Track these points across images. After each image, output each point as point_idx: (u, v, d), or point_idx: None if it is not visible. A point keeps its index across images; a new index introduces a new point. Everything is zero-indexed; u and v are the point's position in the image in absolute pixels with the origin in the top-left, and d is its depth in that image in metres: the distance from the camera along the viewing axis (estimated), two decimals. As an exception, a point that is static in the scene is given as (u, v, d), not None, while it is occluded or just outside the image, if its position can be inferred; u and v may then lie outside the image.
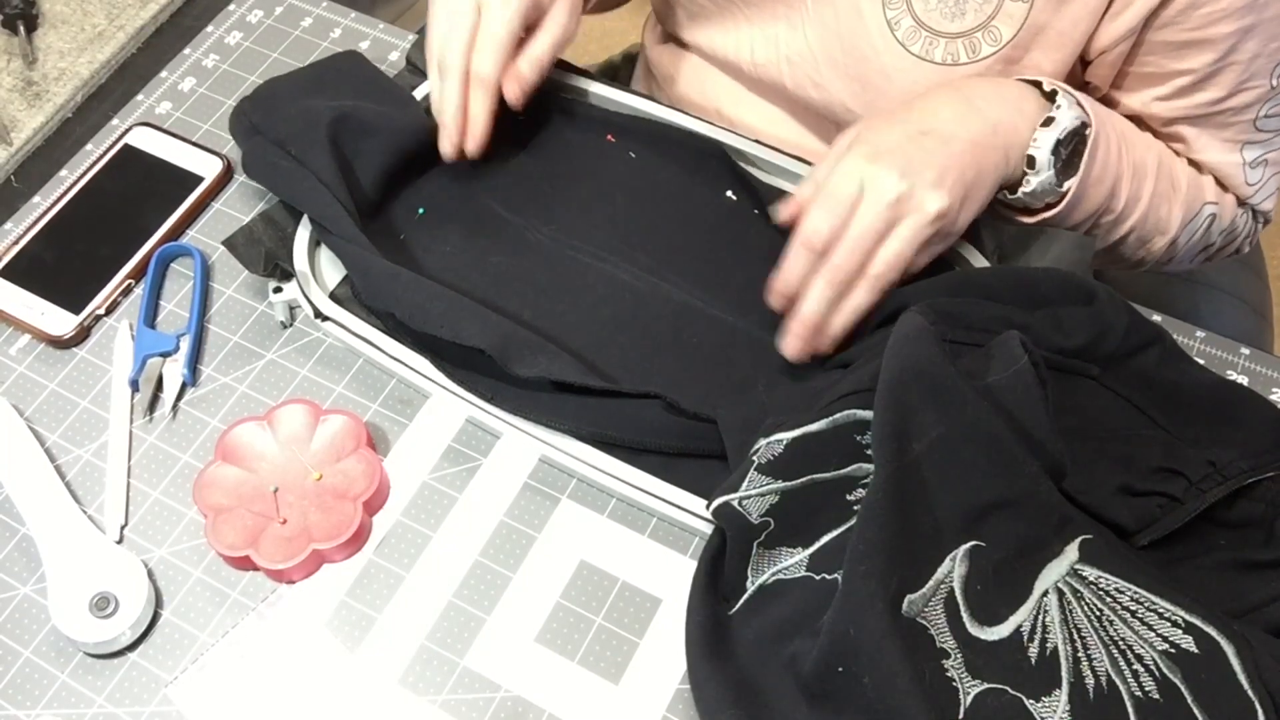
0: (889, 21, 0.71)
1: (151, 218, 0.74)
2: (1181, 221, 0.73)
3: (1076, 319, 0.60)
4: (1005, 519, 0.53)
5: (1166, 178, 0.71)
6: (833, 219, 0.60)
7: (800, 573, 0.56)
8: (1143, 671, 0.51)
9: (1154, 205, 0.71)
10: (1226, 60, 0.67)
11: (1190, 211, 0.73)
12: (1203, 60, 0.67)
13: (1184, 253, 0.76)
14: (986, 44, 0.69)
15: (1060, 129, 0.64)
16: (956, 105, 0.64)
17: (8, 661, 0.59)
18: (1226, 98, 0.69)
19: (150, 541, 0.63)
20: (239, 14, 0.87)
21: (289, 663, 0.59)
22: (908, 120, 0.63)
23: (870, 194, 0.60)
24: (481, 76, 0.69)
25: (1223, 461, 0.58)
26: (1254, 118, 0.71)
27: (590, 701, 0.57)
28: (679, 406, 0.62)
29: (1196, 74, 0.68)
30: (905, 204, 0.60)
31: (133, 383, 0.67)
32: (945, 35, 0.69)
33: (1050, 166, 0.65)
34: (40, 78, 0.83)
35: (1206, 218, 0.74)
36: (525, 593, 0.60)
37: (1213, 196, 0.74)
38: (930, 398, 0.53)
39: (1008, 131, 0.64)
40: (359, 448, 0.63)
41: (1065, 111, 0.65)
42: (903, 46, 0.71)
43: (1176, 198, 0.72)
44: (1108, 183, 0.67)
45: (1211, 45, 0.66)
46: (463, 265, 0.71)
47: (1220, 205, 0.75)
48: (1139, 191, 0.70)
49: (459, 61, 0.69)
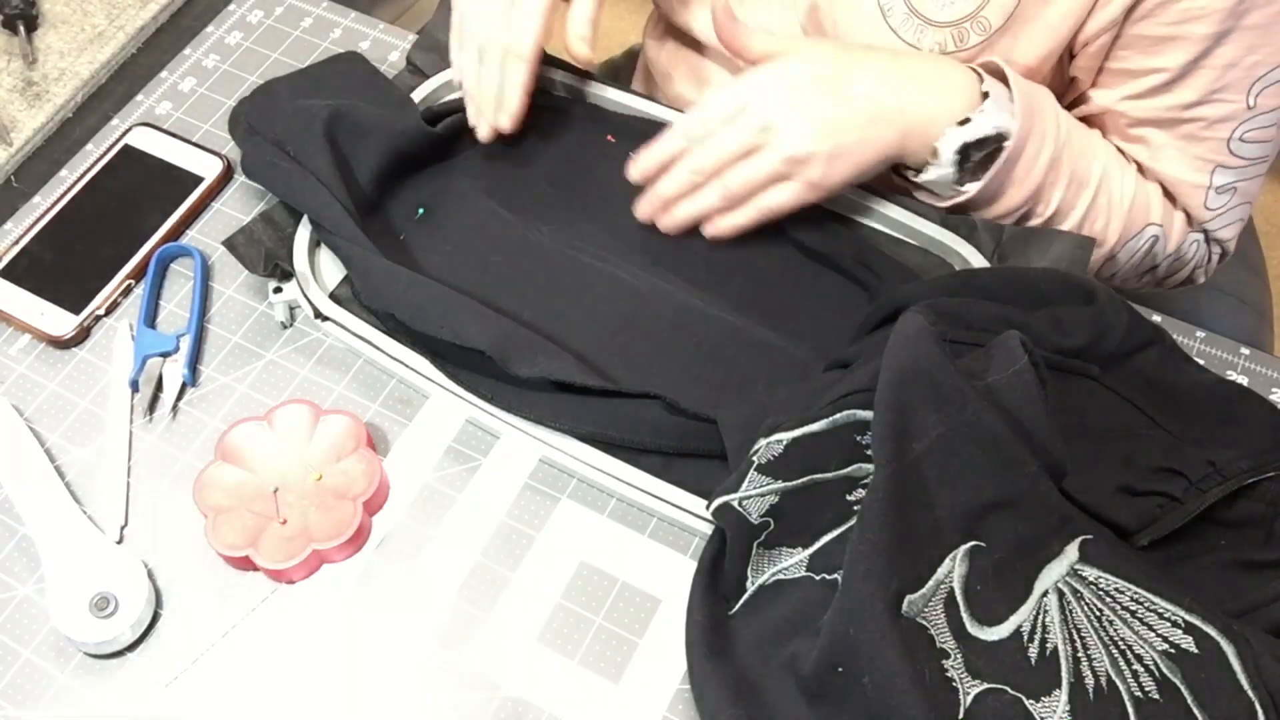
0: (882, 8, 0.71)
1: (151, 218, 0.74)
2: (1119, 237, 0.72)
3: (1076, 319, 0.60)
4: (1005, 519, 0.53)
5: (1107, 191, 0.71)
6: (709, 121, 0.67)
7: (800, 573, 0.56)
8: (1142, 671, 0.51)
9: (1089, 217, 0.71)
10: (1200, 63, 0.67)
11: (1130, 230, 0.73)
12: (1177, 59, 0.67)
13: (1124, 270, 0.76)
14: (974, 33, 0.69)
15: (972, 133, 0.65)
16: (882, 74, 0.66)
17: (8, 661, 0.59)
18: (1198, 104, 0.69)
19: (150, 541, 0.63)
20: (239, 14, 0.87)
21: (289, 663, 0.59)
22: (829, 64, 0.66)
23: (747, 112, 0.66)
24: (521, 52, 0.70)
25: (1223, 461, 0.57)
26: (1227, 137, 0.70)
27: (590, 701, 0.57)
28: (679, 406, 0.62)
29: (1169, 73, 0.68)
30: (767, 134, 0.65)
31: (133, 383, 0.67)
32: (936, 24, 0.70)
33: (952, 165, 0.66)
34: (40, 78, 0.83)
35: (1149, 239, 0.73)
36: (525, 593, 0.60)
37: (1158, 218, 0.73)
38: (930, 397, 0.53)
39: (916, 116, 0.66)
40: (359, 448, 0.63)
41: (987, 117, 0.65)
42: (895, 34, 0.71)
43: (1115, 214, 0.72)
44: (1027, 188, 0.67)
45: (1186, 44, 0.66)
46: (463, 265, 0.71)
47: (1165, 228, 0.74)
48: (1074, 200, 0.70)
49: (499, 39, 0.70)
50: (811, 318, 0.68)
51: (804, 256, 0.71)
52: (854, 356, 0.62)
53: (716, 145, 0.67)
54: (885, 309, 0.64)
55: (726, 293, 0.69)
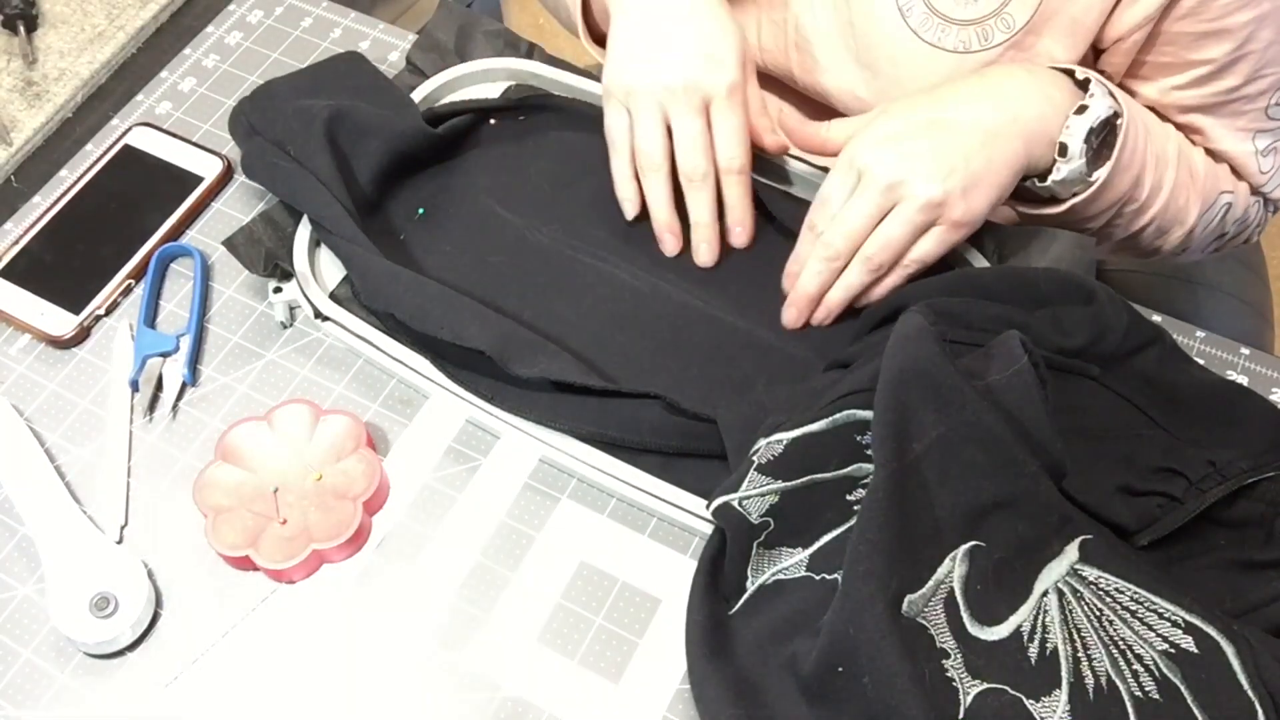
0: (900, 8, 0.71)
1: (151, 218, 0.74)
2: (1199, 212, 0.73)
3: (1076, 319, 0.60)
4: (1005, 519, 0.53)
5: (1186, 167, 0.71)
6: (830, 205, 0.65)
7: (800, 573, 0.56)
8: (1143, 671, 0.51)
9: (1174, 195, 0.71)
10: (1244, 49, 0.67)
11: (1207, 202, 0.73)
12: (1221, 50, 0.67)
13: (1198, 242, 0.76)
14: (999, 31, 0.69)
15: (1094, 117, 0.64)
16: (977, 94, 0.65)
17: (8, 661, 0.59)
18: (1242, 85, 0.69)
19: (150, 541, 0.63)
20: (239, 14, 0.87)
21: (289, 663, 0.59)
22: (921, 107, 0.64)
23: (866, 180, 0.63)
24: (738, 166, 0.69)
25: (1223, 461, 0.58)
26: (1265, 106, 0.71)
27: (590, 701, 0.57)
28: (679, 406, 0.62)
29: (1215, 64, 0.68)
30: (897, 190, 0.62)
31: (133, 383, 0.67)
32: (958, 22, 0.69)
33: (1082, 155, 0.65)
34: (40, 78, 0.83)
35: (1222, 207, 0.74)
36: (525, 593, 0.60)
37: (1229, 186, 0.74)
38: (930, 398, 0.53)
39: (1030, 120, 0.64)
40: (359, 448, 0.63)
41: (1099, 100, 0.65)
42: (914, 34, 0.71)
43: (1195, 188, 0.72)
44: (1134, 171, 0.67)
45: (1230, 35, 0.66)
46: (463, 265, 0.71)
47: (1235, 194, 0.75)
48: (1161, 181, 0.70)
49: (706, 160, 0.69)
50: (811, 318, 0.68)
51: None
52: (854, 356, 0.62)
53: (846, 222, 0.63)
54: (885, 309, 0.64)
55: (726, 293, 0.69)
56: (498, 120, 0.78)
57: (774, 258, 0.71)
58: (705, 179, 0.68)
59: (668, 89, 0.66)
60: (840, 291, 0.66)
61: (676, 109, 0.67)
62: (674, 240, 0.71)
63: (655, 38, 0.67)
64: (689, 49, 0.66)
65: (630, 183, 0.71)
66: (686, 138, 0.67)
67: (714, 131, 0.68)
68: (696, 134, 0.67)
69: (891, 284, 0.65)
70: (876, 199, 0.62)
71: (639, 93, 0.67)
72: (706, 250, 0.70)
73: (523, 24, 1.84)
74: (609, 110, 0.70)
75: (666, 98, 0.66)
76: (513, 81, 0.80)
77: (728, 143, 0.68)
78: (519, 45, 0.81)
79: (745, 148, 0.68)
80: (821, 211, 0.65)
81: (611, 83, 0.69)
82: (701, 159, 0.68)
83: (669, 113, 0.67)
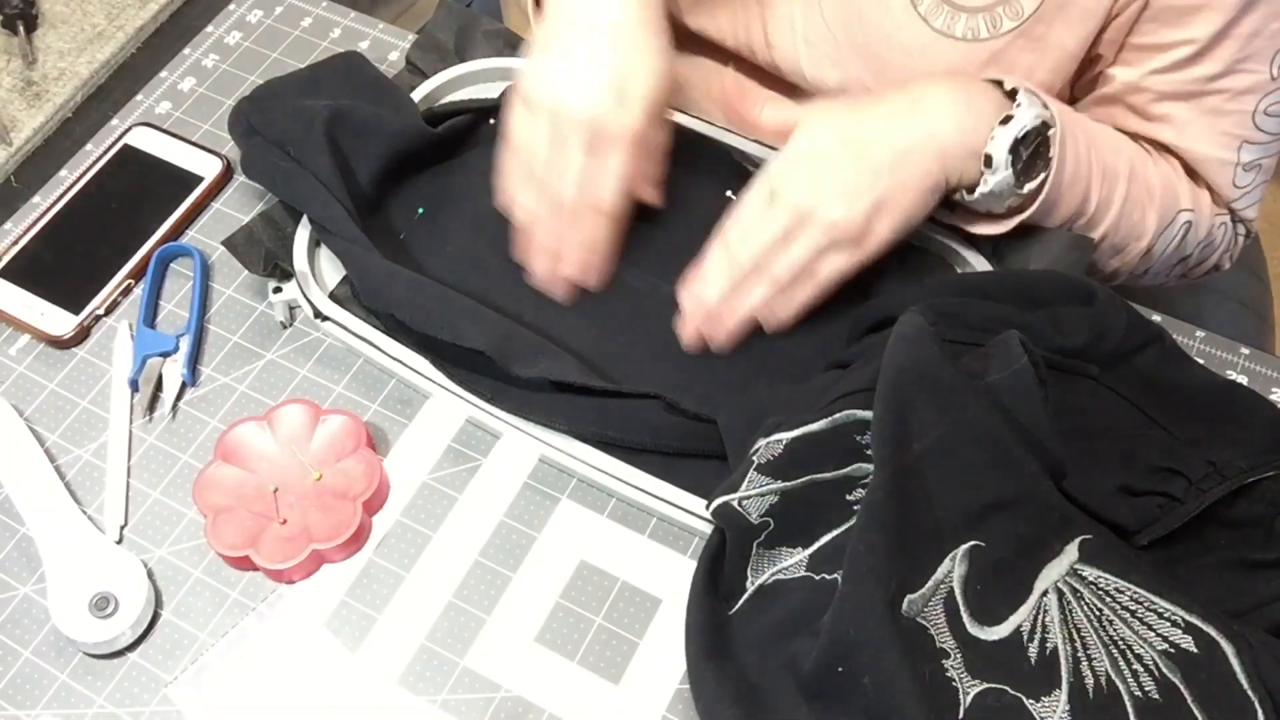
0: None
1: (151, 218, 0.74)
2: (1156, 229, 0.72)
3: (1076, 319, 0.60)
4: (1005, 519, 0.53)
5: (1140, 182, 0.70)
6: (743, 222, 0.65)
7: (800, 573, 0.56)
8: (1142, 671, 0.51)
9: (1127, 211, 0.70)
10: (1227, 31, 0.66)
11: (1165, 219, 0.72)
12: (1205, 29, 0.66)
13: (1159, 264, 0.75)
14: (1007, 18, 0.69)
15: (1019, 127, 0.64)
16: (894, 110, 0.64)
17: (8, 661, 0.59)
18: (1223, 74, 0.68)
19: (150, 541, 0.63)
20: (239, 14, 0.87)
21: (289, 663, 0.59)
22: (840, 123, 0.65)
23: (778, 200, 0.63)
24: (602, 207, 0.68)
25: (1223, 461, 0.57)
26: (1252, 110, 0.70)
27: (590, 701, 0.57)
28: (679, 406, 0.62)
29: (1196, 44, 0.67)
30: (804, 213, 0.63)
31: (133, 383, 0.67)
32: (967, 10, 0.69)
33: (1007, 166, 0.64)
34: (40, 78, 0.83)
35: (1182, 225, 0.73)
36: (525, 593, 0.60)
37: (1188, 204, 0.73)
38: (930, 398, 0.53)
39: (947, 135, 0.63)
40: (359, 448, 0.63)
41: (1025, 110, 0.64)
42: (925, 22, 0.70)
43: (1151, 203, 0.71)
44: (1079, 185, 0.66)
45: (1215, 13, 0.66)
46: (463, 265, 0.71)
47: (1196, 212, 0.73)
48: (1110, 195, 0.69)
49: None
50: (811, 319, 0.67)
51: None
52: (854, 356, 0.62)
53: (754, 240, 0.64)
54: (883, 309, 0.64)
55: (726, 293, 0.69)
56: (498, 120, 0.78)
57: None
58: (581, 212, 0.68)
59: (570, 120, 0.66)
60: (741, 306, 0.66)
61: (571, 140, 0.66)
62: (547, 264, 0.70)
63: (573, 58, 0.66)
64: (601, 81, 0.65)
65: (524, 188, 0.70)
66: (570, 170, 0.67)
67: (595, 167, 0.67)
68: (577, 169, 0.66)
69: (798, 301, 0.65)
70: (784, 220, 0.63)
71: (548, 114, 0.66)
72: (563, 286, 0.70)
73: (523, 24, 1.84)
74: (519, 112, 0.69)
75: (567, 126, 0.66)
76: (513, 81, 0.80)
77: (602, 184, 0.67)
78: (519, 45, 0.81)
79: (617, 194, 0.67)
80: (736, 227, 0.65)
81: (526, 90, 0.68)
82: (571, 190, 0.67)
83: (564, 137, 0.66)
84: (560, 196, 0.67)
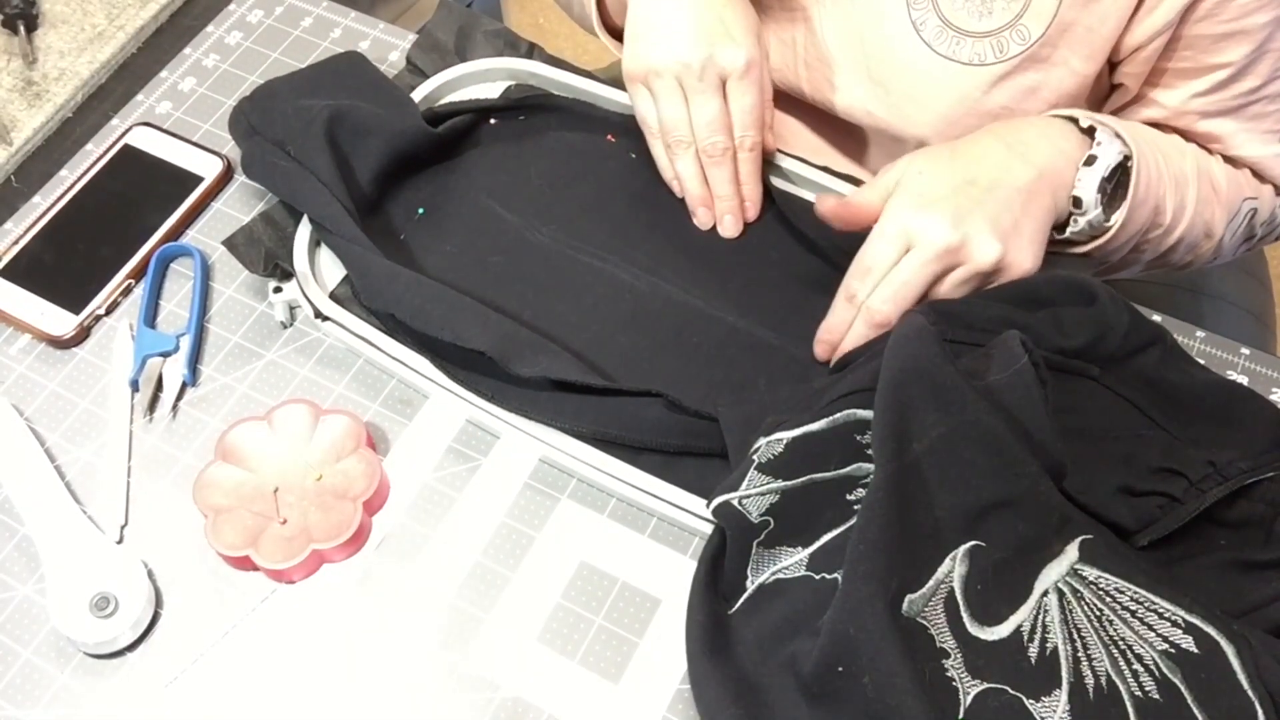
0: (914, 23, 0.70)
1: (151, 218, 0.74)
2: (1225, 222, 0.73)
3: (1077, 319, 0.60)
4: (1005, 519, 0.53)
5: (1207, 182, 0.71)
6: (874, 273, 0.62)
7: (800, 572, 0.56)
8: (1143, 671, 0.51)
9: (1198, 212, 0.70)
10: (1263, 49, 0.67)
11: (1231, 210, 0.73)
12: (1241, 52, 0.67)
13: (1228, 249, 0.76)
14: (1014, 43, 0.69)
15: (1104, 166, 0.64)
16: (1000, 151, 0.64)
17: (8, 661, 0.59)
18: (1262, 86, 0.69)
19: (150, 541, 0.63)
20: (239, 14, 0.87)
21: (289, 663, 0.59)
22: (953, 168, 0.63)
23: (921, 245, 0.60)
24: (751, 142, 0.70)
25: (1223, 461, 0.57)
26: None
27: (590, 701, 0.57)
28: (680, 405, 0.62)
29: (1235, 66, 0.68)
30: (957, 253, 0.60)
31: (133, 383, 0.67)
32: (973, 35, 0.69)
33: (1097, 205, 0.65)
34: (40, 78, 0.83)
35: (1247, 213, 0.73)
36: (525, 593, 0.60)
37: (1251, 191, 0.74)
38: (930, 397, 0.53)
39: (1052, 175, 0.63)
40: (359, 448, 0.63)
41: (1106, 148, 0.64)
42: (929, 47, 0.70)
43: (1218, 200, 0.72)
44: (1151, 203, 0.67)
45: (1249, 36, 0.66)
46: (463, 265, 0.71)
47: (1260, 198, 0.74)
48: (1183, 201, 0.69)
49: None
50: (812, 318, 0.67)
51: (804, 256, 0.71)
52: (854, 356, 0.62)
53: (898, 288, 0.61)
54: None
55: (727, 293, 0.69)
56: (498, 120, 0.78)
57: (775, 258, 0.71)
58: (725, 155, 0.69)
59: (685, 66, 0.67)
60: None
61: (694, 86, 0.67)
62: (707, 213, 0.72)
63: (671, 17, 0.68)
64: (705, 26, 0.67)
65: (681, 158, 0.71)
66: (704, 116, 0.68)
67: (730, 109, 0.68)
68: (715, 113, 0.68)
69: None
70: (933, 265, 0.60)
71: (658, 71, 0.68)
72: (731, 222, 0.71)
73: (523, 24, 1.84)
74: (633, 94, 0.71)
75: (684, 74, 0.67)
76: (513, 81, 0.80)
77: (742, 121, 0.69)
78: (519, 45, 0.81)
79: (759, 126, 0.69)
80: (864, 280, 0.62)
81: (631, 65, 0.69)
82: (720, 136, 0.69)
83: (686, 90, 0.68)
84: (716, 146, 0.69)
